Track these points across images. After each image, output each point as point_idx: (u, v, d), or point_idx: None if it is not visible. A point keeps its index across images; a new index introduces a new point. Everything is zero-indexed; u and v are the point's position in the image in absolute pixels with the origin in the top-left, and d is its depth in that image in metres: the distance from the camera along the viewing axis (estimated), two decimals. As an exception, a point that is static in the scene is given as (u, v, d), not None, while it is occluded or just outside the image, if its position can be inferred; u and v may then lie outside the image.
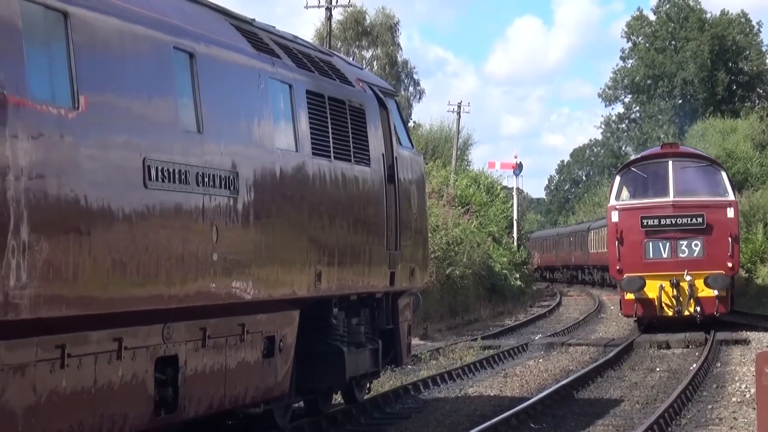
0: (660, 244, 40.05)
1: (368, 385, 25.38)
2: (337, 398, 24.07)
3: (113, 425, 15.60)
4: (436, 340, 41.80)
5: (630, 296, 40.91)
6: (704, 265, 39.46)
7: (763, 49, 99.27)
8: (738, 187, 59.47)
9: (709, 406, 25.47)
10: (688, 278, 39.13)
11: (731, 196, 40.51)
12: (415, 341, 30.98)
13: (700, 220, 39.43)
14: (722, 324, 42.68)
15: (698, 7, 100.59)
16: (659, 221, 40.04)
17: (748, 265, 55.96)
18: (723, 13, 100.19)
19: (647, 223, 40.32)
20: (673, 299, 39.81)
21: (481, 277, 57.85)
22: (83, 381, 14.86)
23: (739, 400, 25.86)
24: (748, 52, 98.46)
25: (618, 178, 42.18)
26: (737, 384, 28.02)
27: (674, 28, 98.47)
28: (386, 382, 27.45)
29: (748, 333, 39.67)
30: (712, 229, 39.31)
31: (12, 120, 13.21)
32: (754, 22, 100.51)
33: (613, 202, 41.71)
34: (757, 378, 9.05)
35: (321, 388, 22.82)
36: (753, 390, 22.65)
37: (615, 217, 40.91)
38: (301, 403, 22.64)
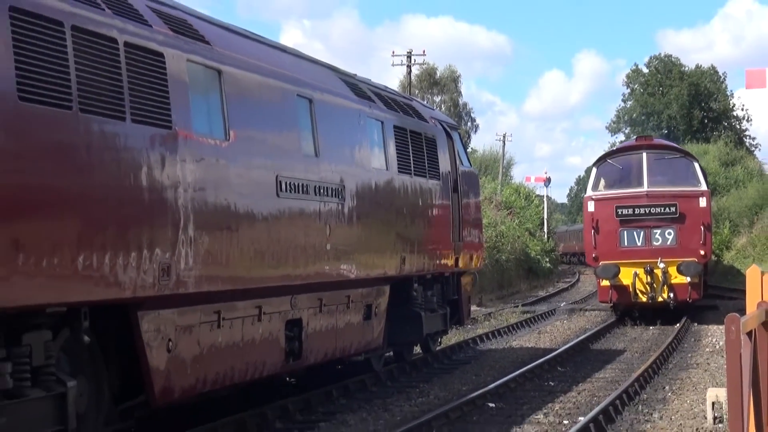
0: (634, 232, 33.24)
1: (439, 340, 25.37)
2: (417, 349, 24.01)
3: (256, 369, 15.66)
4: (488, 307, 41.61)
5: (605, 283, 33.46)
6: (677, 253, 32.74)
7: (727, 93, 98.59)
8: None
9: (689, 355, 25.29)
10: (661, 265, 32.34)
11: (704, 186, 34.26)
12: (473, 307, 30.88)
13: (673, 209, 33.03)
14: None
15: (679, 62, 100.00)
16: (633, 210, 33.37)
17: (717, 251, 54.63)
18: (697, 66, 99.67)
19: (622, 212, 33.44)
20: (647, 286, 32.67)
21: (521, 261, 57.61)
22: (234, 337, 14.92)
23: (711, 350, 25.65)
24: (716, 95, 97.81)
25: (595, 170, 35.33)
26: (709, 338, 27.81)
27: (661, 78, 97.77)
28: (452, 337, 27.38)
29: (717, 301, 39.03)
30: (685, 218, 33.01)
31: (181, 148, 13.30)
32: (720, 73, 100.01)
33: (589, 192, 34.85)
34: (726, 334, 8.94)
35: (405, 342, 22.83)
36: (722, 342, 22.45)
37: (591, 207, 34.11)
38: (391, 353, 22.60)
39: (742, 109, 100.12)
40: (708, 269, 39.49)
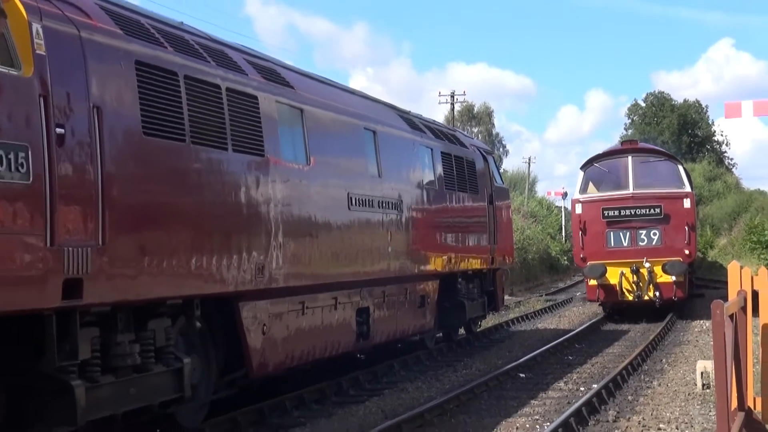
0: (621, 233, 28.31)
1: (479, 323, 25.33)
2: (461, 331, 23.98)
3: (333, 348, 15.70)
4: (518, 296, 41.48)
5: (593, 282, 28.68)
6: (662, 253, 27.97)
7: (709, 122, 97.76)
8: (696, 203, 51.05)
9: (681, 334, 25.08)
10: (647, 265, 27.61)
11: (688, 188, 29.31)
12: (506, 297, 30.77)
13: (658, 210, 28.20)
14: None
15: (670, 97, 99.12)
16: (619, 212, 28.46)
17: (702, 250, 53.94)
18: (685, 101, 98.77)
19: (608, 214, 28.47)
20: (633, 285, 27.93)
21: (543, 259, 57.26)
22: (315, 322, 14.96)
23: (699, 330, 25.43)
24: (700, 124, 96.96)
25: (582, 174, 29.99)
26: (698, 321, 27.53)
27: (656, 110, 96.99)
28: (489, 321, 27.31)
29: (704, 290, 38.46)
30: (670, 218, 28.17)
31: (272, 171, 13.36)
32: (703, 106, 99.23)
33: (577, 195, 29.81)
34: (713, 316, 8.88)
35: (452, 325, 22.81)
36: (709, 324, 22.25)
37: (579, 209, 29.12)
38: (441, 334, 22.58)
39: (722, 135, 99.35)
40: (694, 267, 33.90)
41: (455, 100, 72.00)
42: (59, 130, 9.19)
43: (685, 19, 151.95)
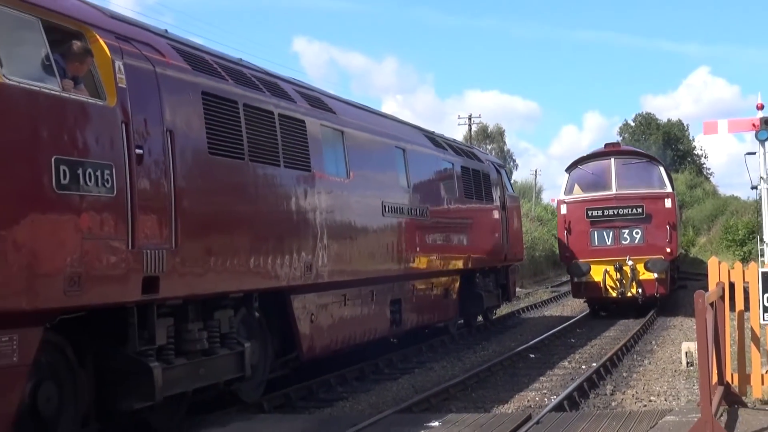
0: (604, 232, 25.52)
1: (495, 311, 25.24)
2: (479, 318, 23.92)
3: (370, 333, 15.70)
4: (527, 288, 41.29)
5: (577, 280, 26.21)
6: (645, 251, 25.28)
7: (690, 138, 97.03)
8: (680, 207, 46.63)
9: (669, 319, 24.86)
10: (630, 263, 24.95)
11: (669, 189, 26.37)
12: (517, 289, 30.62)
13: (640, 210, 25.42)
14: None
15: (655, 117, 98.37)
16: (603, 212, 25.67)
17: (685, 247, 53.32)
18: (668, 120, 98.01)
19: (592, 214, 25.67)
20: (617, 282, 25.30)
21: (549, 256, 56.90)
22: (355, 312, 14.97)
23: (683, 316, 25.18)
24: (682, 140, 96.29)
25: (567, 176, 27.05)
26: (684, 308, 27.24)
27: (643, 128, 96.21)
28: (503, 310, 27.17)
29: (687, 282, 38.00)
30: (652, 218, 25.43)
31: (317, 184, 13.38)
32: (684, 124, 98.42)
33: (561, 196, 26.98)
34: (696, 304, 8.85)
35: (471, 313, 22.73)
36: (692, 311, 22.07)
37: (564, 209, 26.34)
38: (462, 321, 22.53)
39: (701, 149, 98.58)
40: (676, 264, 30.28)
41: (472, 121, 72.10)
42: (138, 151, 9.26)
43: (667, 51, 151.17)
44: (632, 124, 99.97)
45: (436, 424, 10.58)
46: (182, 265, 9.87)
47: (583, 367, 16.55)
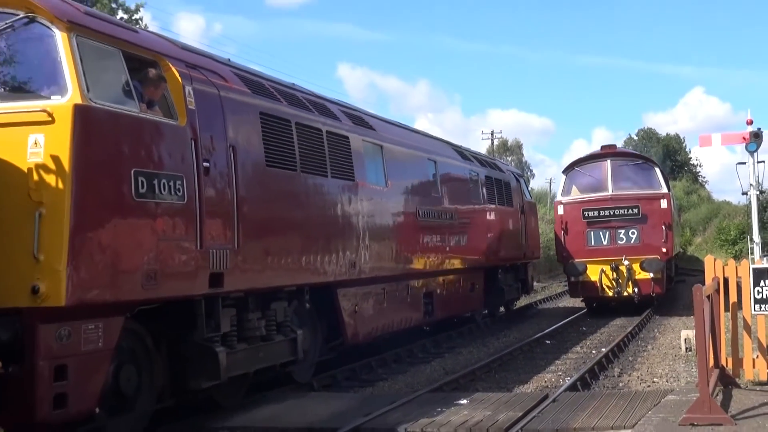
0: (600, 233, 22.87)
1: (515, 303, 25.14)
2: (501, 309, 23.82)
3: (406, 322, 15.67)
4: (543, 282, 41.07)
5: (574, 279, 23.48)
6: (641, 251, 22.68)
7: (687, 150, 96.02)
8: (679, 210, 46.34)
9: (669, 309, 24.51)
10: (626, 262, 22.44)
11: (664, 189, 23.71)
12: (534, 283, 30.48)
13: (636, 210, 22.81)
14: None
15: (656, 132, 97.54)
16: (599, 212, 22.98)
17: (684, 246, 52.54)
18: (667, 134, 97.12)
19: (588, 214, 23.01)
20: (613, 282, 22.76)
21: (562, 255, 56.71)
22: (393, 303, 14.95)
23: (683, 305, 24.91)
24: (679, 151, 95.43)
25: (564, 177, 24.39)
26: (683, 299, 26.93)
27: (645, 142, 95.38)
28: (522, 301, 27.06)
29: (685, 277, 37.47)
30: (648, 218, 22.79)
31: (360, 192, 13.39)
32: (682, 138, 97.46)
33: (559, 197, 24.42)
34: (694, 297, 8.77)
35: (494, 305, 22.65)
36: (690, 302, 21.83)
37: (560, 210, 23.66)
38: (486, 311, 22.45)
39: (696, 160, 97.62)
40: (673, 263, 27.19)
41: (494, 136, 72.07)
42: (205, 164, 9.32)
43: (666, 73, 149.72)
44: (635, 137, 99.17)
45: (464, 401, 10.56)
46: (243, 263, 9.91)
47: (594, 351, 16.44)
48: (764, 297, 10.08)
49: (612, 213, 22.99)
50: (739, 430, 8.20)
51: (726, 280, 10.67)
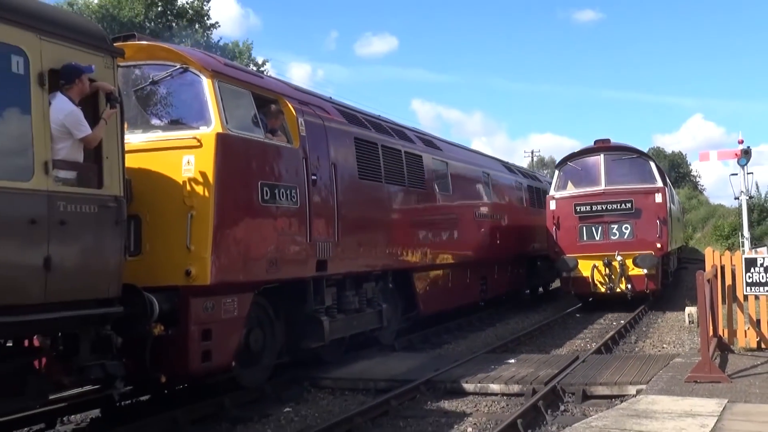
0: (593, 228, 17.58)
1: (550, 285, 24.57)
2: (540, 289, 23.38)
3: (465, 299, 15.53)
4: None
5: (566, 275, 17.90)
6: (634, 247, 17.25)
7: (688, 164, 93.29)
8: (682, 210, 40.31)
9: (675, 291, 23.74)
10: (619, 258, 17.15)
11: (659, 183, 17.82)
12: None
13: (629, 205, 17.37)
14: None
15: (663, 150, 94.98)
16: (591, 207, 17.65)
17: (686, 240, 50.70)
18: (673, 151, 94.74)
19: (580, 209, 17.67)
20: (605, 277, 17.57)
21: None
22: (455, 283, 14.76)
23: (687, 289, 24.04)
24: (682, 165, 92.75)
25: (557, 172, 18.89)
26: (686, 283, 26.05)
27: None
28: (556, 284, 26.42)
29: (688, 265, 36.08)
30: (641, 213, 17.34)
31: (431, 198, 13.28)
32: (684, 155, 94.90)
33: (552, 192, 18.53)
34: (697, 280, 8.53)
35: (534, 286, 22.29)
36: (693, 285, 21.14)
37: (552, 205, 18.18)
38: (528, 291, 21.99)
39: (696, 172, 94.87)
40: (670, 258, 20.92)
41: (533, 154, 71.14)
42: (313, 177, 9.41)
43: (671, 103, 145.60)
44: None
45: (512, 360, 10.45)
46: (342, 253, 9.96)
47: (614, 323, 16.06)
48: (754, 281, 9.79)
49: (604, 208, 17.78)
50: (734, 386, 7.96)
51: (722, 268, 10.38)
